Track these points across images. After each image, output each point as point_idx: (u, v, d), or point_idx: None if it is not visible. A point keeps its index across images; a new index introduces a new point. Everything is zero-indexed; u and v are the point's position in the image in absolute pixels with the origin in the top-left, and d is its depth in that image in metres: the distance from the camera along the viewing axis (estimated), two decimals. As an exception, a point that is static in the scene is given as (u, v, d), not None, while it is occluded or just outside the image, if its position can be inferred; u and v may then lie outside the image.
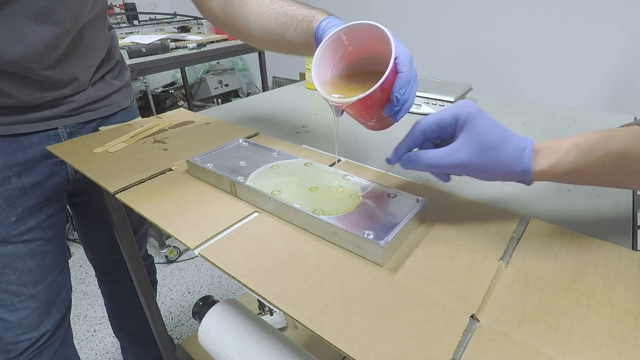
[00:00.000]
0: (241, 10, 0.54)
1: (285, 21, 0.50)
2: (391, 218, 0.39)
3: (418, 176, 0.52)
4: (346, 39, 0.40)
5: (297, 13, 0.49)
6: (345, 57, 0.42)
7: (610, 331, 0.28)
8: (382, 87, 0.36)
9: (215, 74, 3.02)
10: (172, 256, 1.62)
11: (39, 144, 0.60)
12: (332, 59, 0.42)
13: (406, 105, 0.40)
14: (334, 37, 0.40)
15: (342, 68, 0.43)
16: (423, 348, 0.27)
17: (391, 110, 0.39)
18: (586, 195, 0.47)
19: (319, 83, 0.40)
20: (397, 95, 0.38)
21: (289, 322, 0.93)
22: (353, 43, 0.41)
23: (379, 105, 0.39)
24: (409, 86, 0.38)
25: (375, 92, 0.36)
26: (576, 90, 1.66)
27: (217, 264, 0.36)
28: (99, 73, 0.65)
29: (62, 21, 0.52)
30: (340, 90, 0.41)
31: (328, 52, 0.41)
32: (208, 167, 0.48)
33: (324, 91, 0.39)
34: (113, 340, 1.27)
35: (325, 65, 0.41)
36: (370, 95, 0.36)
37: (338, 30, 0.40)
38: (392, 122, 0.43)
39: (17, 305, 0.62)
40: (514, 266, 0.35)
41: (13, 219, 0.59)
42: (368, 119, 0.43)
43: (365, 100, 0.37)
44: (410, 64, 0.38)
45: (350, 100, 0.37)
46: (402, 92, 0.38)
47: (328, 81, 0.42)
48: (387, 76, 0.35)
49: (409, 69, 0.38)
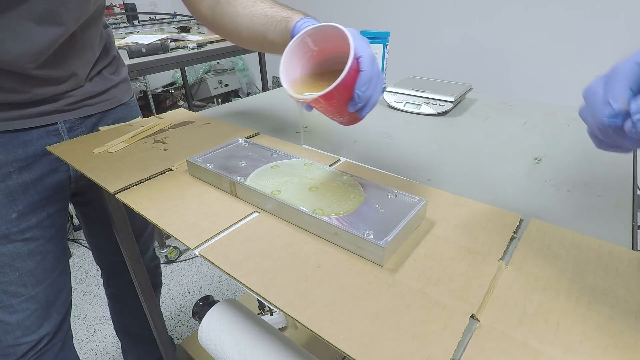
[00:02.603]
0: (228, 12, 0.57)
1: (266, 22, 0.52)
2: (391, 218, 0.39)
3: (418, 176, 0.52)
4: (311, 41, 0.42)
5: (276, 14, 0.52)
6: (314, 57, 0.44)
7: (610, 331, 0.28)
8: (344, 85, 0.38)
9: (215, 74, 3.03)
10: (172, 256, 1.62)
11: (39, 139, 0.60)
12: (301, 59, 0.44)
13: (370, 102, 0.42)
14: (299, 40, 0.42)
15: (312, 67, 0.45)
16: (423, 348, 0.27)
17: (354, 107, 0.41)
18: (586, 195, 0.47)
19: (287, 81, 0.42)
20: (359, 93, 0.40)
21: (289, 322, 0.93)
22: (319, 44, 0.43)
23: (344, 102, 0.41)
24: (370, 84, 0.40)
25: (333, 91, 0.37)
26: (576, 90, 1.65)
27: (217, 264, 0.36)
28: (96, 68, 0.65)
29: (65, 22, 0.53)
30: (309, 87, 0.43)
31: (295, 54, 0.43)
32: (208, 167, 0.48)
33: (291, 89, 0.41)
34: (113, 340, 1.27)
35: (294, 65, 0.43)
36: (329, 94, 0.38)
37: (303, 33, 0.42)
38: (360, 117, 0.45)
39: (16, 307, 0.62)
40: (514, 266, 0.35)
41: (14, 216, 0.59)
42: (336, 114, 0.45)
43: (325, 97, 0.38)
44: (372, 64, 0.40)
45: (308, 98, 0.39)
46: (363, 89, 0.40)
47: (298, 79, 0.44)
48: (344, 76, 0.37)
49: (370, 68, 0.39)
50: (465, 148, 0.62)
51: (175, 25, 2.12)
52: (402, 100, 0.80)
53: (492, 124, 0.72)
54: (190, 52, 1.59)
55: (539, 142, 0.63)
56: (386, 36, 0.84)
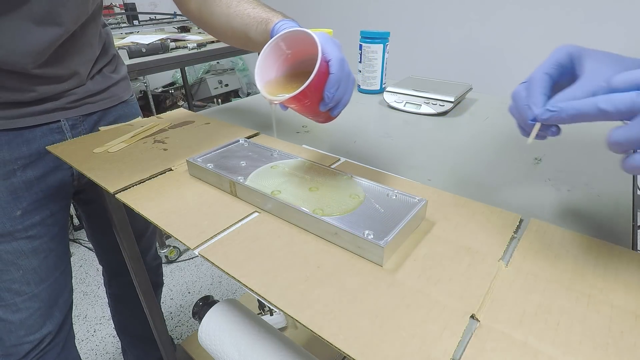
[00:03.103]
0: (214, 11, 0.60)
1: (248, 22, 0.55)
2: (391, 218, 0.39)
3: (418, 176, 0.52)
4: (284, 44, 0.44)
5: (257, 15, 0.54)
6: (288, 59, 0.46)
7: (610, 331, 0.28)
8: (314, 87, 0.40)
9: (215, 74, 3.02)
10: (172, 256, 1.62)
11: (42, 137, 0.61)
12: (276, 61, 0.46)
13: (341, 103, 0.45)
14: (273, 43, 0.44)
15: (287, 69, 0.47)
16: (423, 348, 0.27)
17: (325, 107, 0.44)
18: (586, 195, 0.47)
19: (261, 82, 0.44)
20: (328, 94, 0.42)
21: (289, 322, 0.93)
22: (292, 48, 0.45)
23: (315, 103, 0.44)
24: (340, 86, 0.42)
25: (302, 93, 0.39)
26: (576, 90, 1.65)
27: (217, 264, 0.36)
28: (97, 67, 0.67)
29: (64, 23, 0.54)
30: (283, 88, 0.45)
31: (270, 56, 0.45)
32: (208, 167, 0.48)
33: (265, 89, 0.43)
34: (113, 340, 1.27)
35: (269, 67, 0.45)
36: (298, 96, 0.40)
37: (277, 37, 0.44)
38: (332, 117, 0.48)
39: (19, 305, 0.62)
40: (514, 266, 0.35)
41: (18, 213, 0.60)
42: (310, 113, 0.47)
43: (295, 99, 0.40)
44: (341, 66, 0.42)
45: (278, 99, 0.41)
46: (333, 91, 0.42)
47: (273, 80, 0.46)
48: (312, 79, 0.39)
49: (338, 70, 0.42)
50: (465, 148, 0.62)
51: (175, 25, 2.12)
52: (402, 100, 0.80)
53: (492, 124, 0.72)
54: (190, 52, 1.59)
55: (539, 142, 0.63)
56: (386, 36, 0.84)
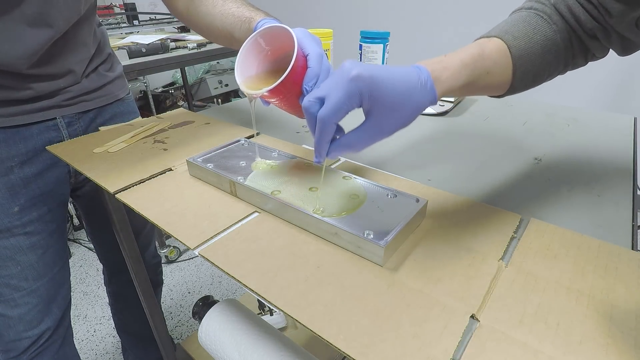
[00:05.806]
0: (201, 10, 0.61)
1: (232, 21, 0.56)
2: (391, 218, 0.39)
3: (418, 176, 0.52)
4: (263, 41, 0.45)
5: (241, 14, 0.56)
6: (268, 56, 0.47)
7: (610, 331, 0.28)
8: (292, 80, 0.41)
9: (215, 74, 3.02)
10: (172, 256, 1.62)
11: (38, 134, 0.61)
12: (257, 58, 0.46)
13: None
14: (252, 40, 0.45)
15: (267, 65, 0.47)
16: (423, 348, 0.27)
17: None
18: (586, 195, 0.47)
19: (241, 77, 0.45)
20: (307, 88, 0.42)
21: (289, 322, 0.93)
22: (271, 44, 0.45)
23: (294, 97, 0.44)
24: (318, 80, 0.43)
25: (279, 86, 0.40)
26: (576, 90, 1.66)
27: (217, 264, 0.36)
28: (92, 65, 0.67)
29: (56, 24, 0.55)
30: (264, 83, 0.45)
31: (250, 53, 0.45)
32: (208, 167, 0.48)
33: (244, 84, 0.44)
34: (113, 340, 1.27)
35: (249, 63, 0.46)
36: (275, 89, 0.40)
37: (255, 34, 0.44)
38: None
39: (17, 301, 0.63)
40: (514, 266, 0.35)
41: (16, 209, 0.60)
42: (291, 107, 0.47)
43: (273, 92, 0.41)
44: (319, 61, 0.43)
45: (256, 93, 0.42)
46: (311, 84, 0.42)
47: (253, 76, 0.46)
48: (289, 72, 0.39)
49: (316, 64, 0.42)
50: (465, 148, 0.62)
51: (175, 25, 2.12)
52: (402, 100, 0.80)
53: (492, 124, 0.72)
54: (190, 52, 1.59)
55: (539, 142, 0.63)
56: (386, 36, 0.84)
